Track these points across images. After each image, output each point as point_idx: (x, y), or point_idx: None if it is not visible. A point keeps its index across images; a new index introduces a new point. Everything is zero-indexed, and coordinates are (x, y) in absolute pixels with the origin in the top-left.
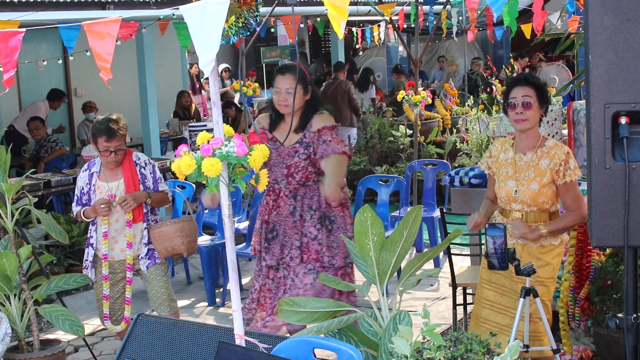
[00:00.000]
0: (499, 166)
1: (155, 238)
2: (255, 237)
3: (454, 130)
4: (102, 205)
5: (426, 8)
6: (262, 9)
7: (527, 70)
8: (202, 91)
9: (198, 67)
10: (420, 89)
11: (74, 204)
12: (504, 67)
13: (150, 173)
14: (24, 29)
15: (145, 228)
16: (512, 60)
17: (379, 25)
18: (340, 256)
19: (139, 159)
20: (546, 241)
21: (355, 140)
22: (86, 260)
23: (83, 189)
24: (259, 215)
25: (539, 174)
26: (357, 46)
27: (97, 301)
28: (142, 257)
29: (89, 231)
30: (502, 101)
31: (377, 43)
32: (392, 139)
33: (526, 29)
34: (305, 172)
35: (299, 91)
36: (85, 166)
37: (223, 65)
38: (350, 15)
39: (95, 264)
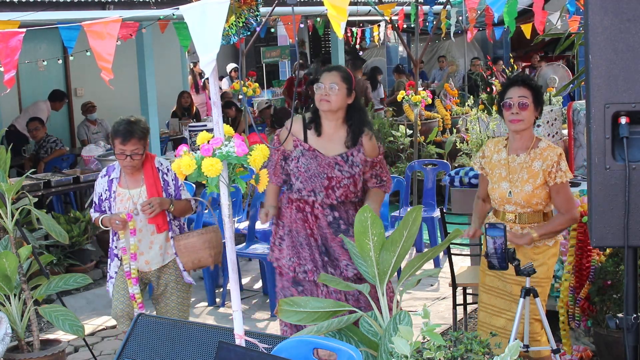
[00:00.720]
0: (492, 167)
1: (180, 250)
2: (286, 250)
3: (454, 130)
4: (117, 222)
5: (426, 8)
6: (262, 9)
7: (526, 70)
8: (206, 90)
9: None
10: (420, 89)
11: (92, 210)
12: (503, 67)
13: (173, 180)
14: (24, 29)
15: (171, 237)
16: (512, 60)
17: (379, 26)
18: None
19: (162, 164)
20: (540, 242)
21: None
22: (113, 274)
23: (102, 195)
24: (283, 227)
25: (532, 176)
26: (356, 46)
27: (117, 317)
28: (183, 270)
29: (111, 241)
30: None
31: (377, 43)
32: (392, 139)
33: (526, 29)
34: (345, 190)
35: (343, 90)
36: (104, 171)
37: (232, 65)
38: (350, 15)
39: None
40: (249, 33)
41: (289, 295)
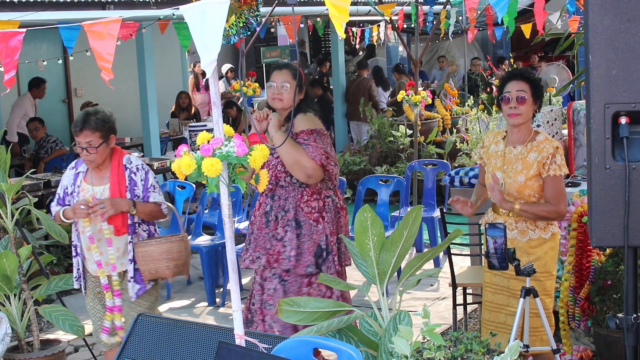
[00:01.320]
0: (489, 157)
1: (138, 257)
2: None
3: (454, 130)
4: (82, 206)
5: (426, 8)
6: (262, 9)
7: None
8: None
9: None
10: (420, 89)
11: (53, 203)
12: (501, 66)
13: (142, 180)
14: (24, 30)
15: (130, 242)
16: (512, 60)
17: (378, 26)
18: (303, 265)
19: (131, 162)
20: (535, 234)
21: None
22: (78, 269)
23: (67, 188)
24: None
25: (526, 167)
26: (356, 46)
27: (92, 316)
28: (130, 279)
29: (72, 239)
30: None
31: (377, 43)
32: (392, 139)
33: (526, 29)
34: (274, 171)
35: (294, 88)
36: (73, 164)
37: (227, 66)
38: (350, 15)
39: (86, 274)
40: (249, 33)
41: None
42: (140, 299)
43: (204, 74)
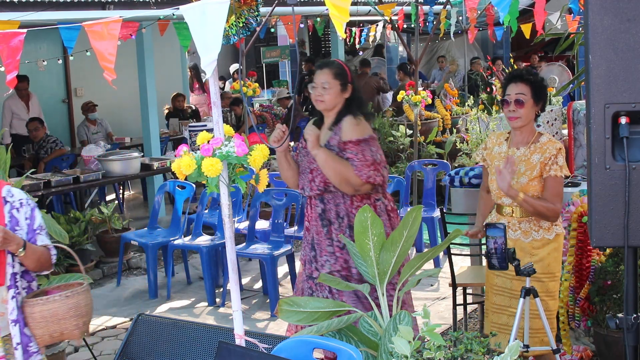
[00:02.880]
0: (492, 159)
1: (35, 319)
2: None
3: (454, 130)
4: None
5: (426, 8)
6: (262, 9)
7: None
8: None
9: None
10: (420, 89)
11: None
12: (503, 67)
13: (27, 218)
14: (25, 30)
15: (14, 298)
16: (512, 60)
17: (376, 26)
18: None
19: (12, 195)
20: (538, 235)
21: None
22: None
23: None
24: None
25: (529, 168)
26: (356, 46)
27: None
28: (16, 346)
29: None
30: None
31: (371, 43)
32: (392, 139)
33: (526, 29)
34: (322, 177)
35: (336, 87)
36: None
37: (235, 66)
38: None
39: None
40: (249, 33)
41: (301, 289)
42: None
43: (197, 74)
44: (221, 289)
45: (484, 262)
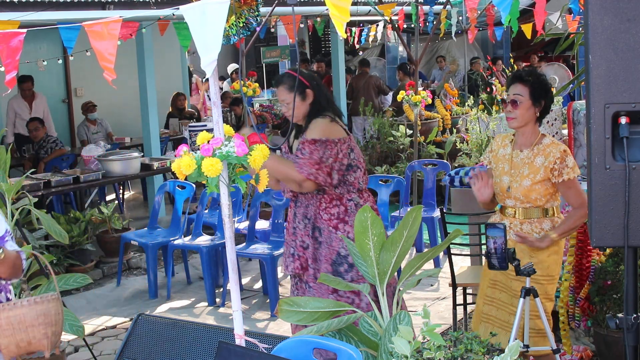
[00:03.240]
0: (497, 161)
1: (1, 326)
2: None
3: (454, 130)
4: None
5: (426, 8)
6: (262, 9)
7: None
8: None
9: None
10: (420, 88)
11: None
12: (503, 67)
13: None
14: (25, 30)
15: None
16: (512, 60)
17: (376, 26)
18: (319, 273)
19: None
20: (540, 237)
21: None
22: None
23: None
24: None
25: (532, 171)
26: (355, 46)
27: None
28: None
29: None
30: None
31: (371, 43)
32: (392, 139)
33: (526, 29)
34: None
35: (296, 99)
36: None
37: (234, 66)
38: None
39: None
40: (249, 33)
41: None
42: None
43: (190, 74)
44: (221, 289)
45: (484, 262)
